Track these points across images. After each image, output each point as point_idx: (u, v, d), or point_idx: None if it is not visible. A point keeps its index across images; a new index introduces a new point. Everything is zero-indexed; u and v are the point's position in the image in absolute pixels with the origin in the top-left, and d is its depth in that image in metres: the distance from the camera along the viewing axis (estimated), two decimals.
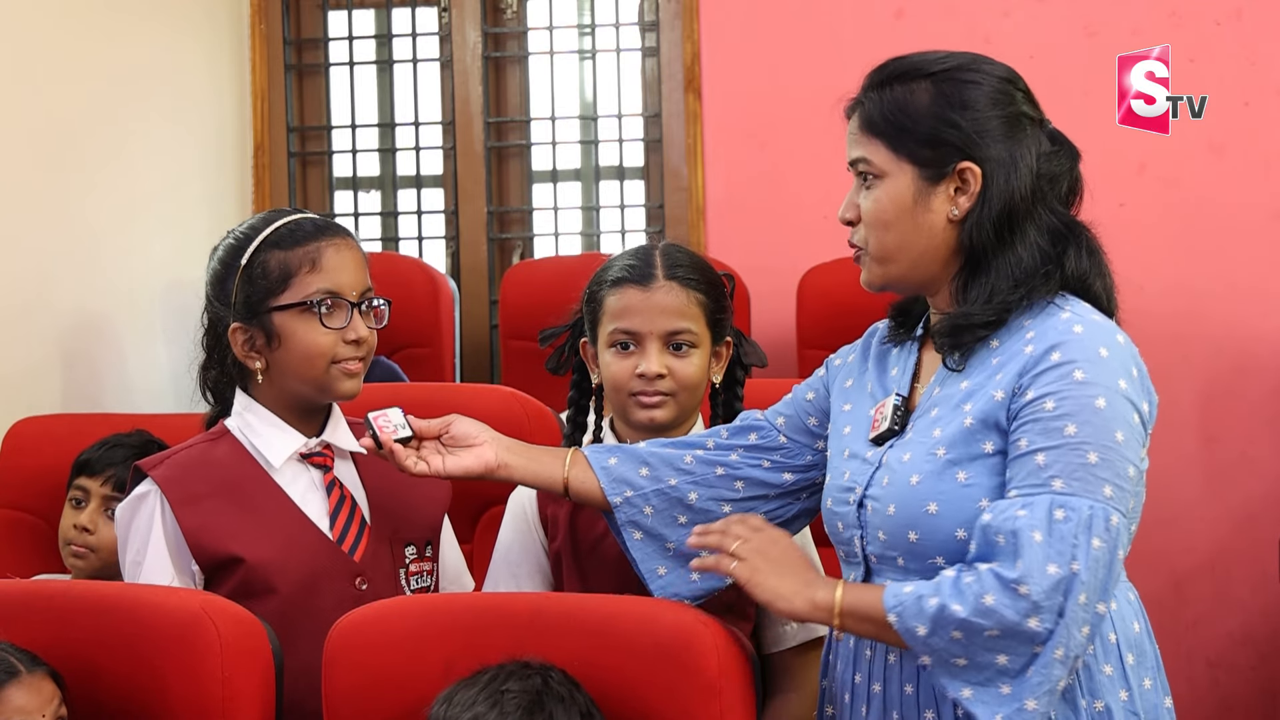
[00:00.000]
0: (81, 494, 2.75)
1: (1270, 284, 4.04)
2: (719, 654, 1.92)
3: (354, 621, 2.02)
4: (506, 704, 1.82)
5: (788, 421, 2.18)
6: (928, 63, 1.94)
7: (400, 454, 2.12)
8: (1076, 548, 1.77)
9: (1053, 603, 1.76)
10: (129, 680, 2.01)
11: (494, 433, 2.18)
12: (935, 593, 1.80)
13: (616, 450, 2.18)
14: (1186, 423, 4.06)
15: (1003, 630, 1.77)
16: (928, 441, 1.91)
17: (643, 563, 2.14)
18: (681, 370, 2.29)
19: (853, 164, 1.97)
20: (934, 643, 1.80)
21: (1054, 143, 1.96)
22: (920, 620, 1.80)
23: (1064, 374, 1.82)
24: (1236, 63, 4.02)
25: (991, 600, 1.76)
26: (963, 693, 1.80)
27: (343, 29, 4.67)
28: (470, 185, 4.58)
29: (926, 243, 1.93)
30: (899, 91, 1.93)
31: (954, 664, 1.80)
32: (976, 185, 1.90)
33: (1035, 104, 1.96)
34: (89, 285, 3.73)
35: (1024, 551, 1.77)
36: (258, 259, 2.23)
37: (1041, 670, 1.77)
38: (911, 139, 1.91)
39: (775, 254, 4.22)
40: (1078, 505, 1.78)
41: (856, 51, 4.16)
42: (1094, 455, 1.79)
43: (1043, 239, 1.91)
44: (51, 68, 3.59)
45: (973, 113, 1.90)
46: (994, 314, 1.89)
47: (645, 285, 2.30)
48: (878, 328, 2.14)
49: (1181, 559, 4.09)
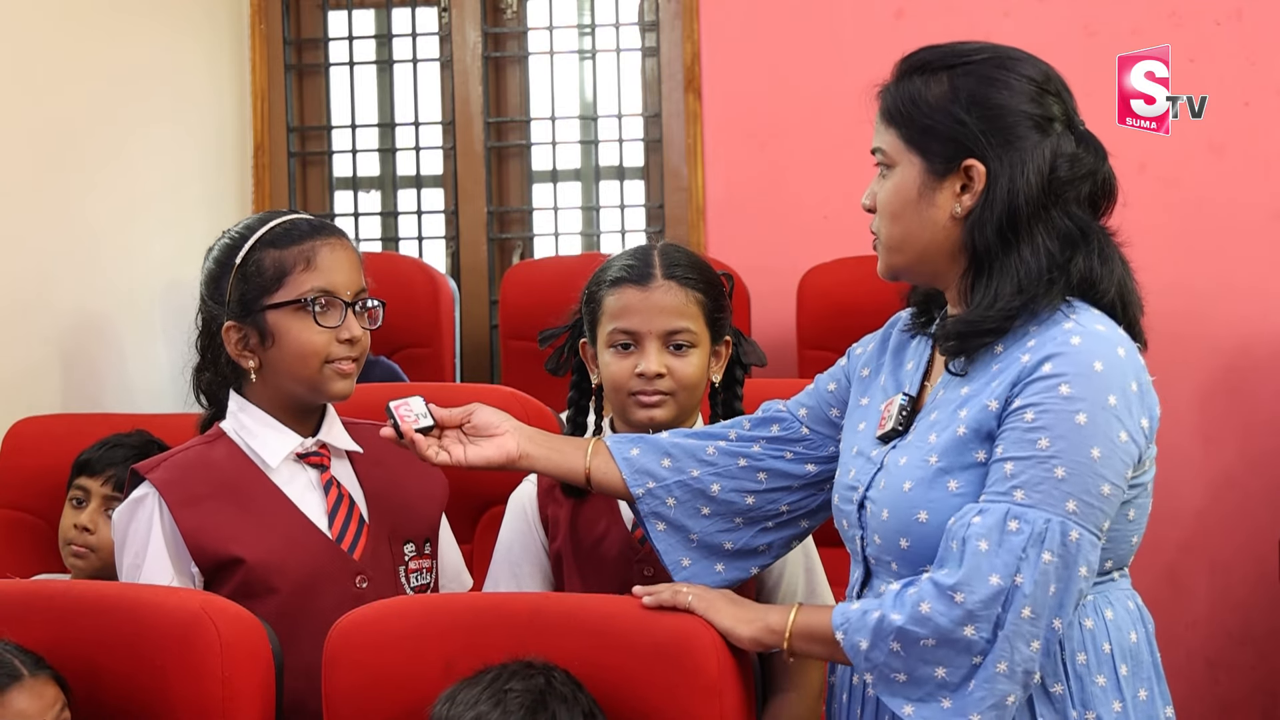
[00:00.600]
0: (82, 494, 2.75)
1: (1270, 284, 4.04)
2: (719, 654, 1.92)
3: (354, 621, 2.02)
4: (510, 703, 1.82)
5: (810, 413, 2.17)
6: (954, 54, 1.92)
7: (421, 443, 2.12)
8: (1023, 560, 1.75)
9: (989, 613, 1.75)
10: (129, 680, 2.01)
11: (516, 422, 2.17)
12: (879, 605, 1.81)
13: (639, 440, 2.17)
14: (1186, 423, 4.07)
15: (938, 639, 1.76)
16: (923, 447, 1.90)
17: (666, 554, 2.13)
18: (681, 370, 2.29)
19: (873, 152, 1.96)
20: (874, 657, 1.80)
21: (1080, 144, 1.92)
22: (863, 634, 1.81)
23: (1049, 387, 1.80)
24: (1236, 63, 4.02)
25: (927, 608, 1.76)
26: (905, 710, 1.80)
27: (343, 29, 4.67)
28: (470, 185, 4.58)
29: (931, 236, 1.91)
30: (917, 83, 1.91)
31: (894, 680, 1.80)
32: (980, 184, 1.87)
33: (1066, 104, 1.93)
34: (89, 285, 3.73)
35: (967, 559, 1.76)
36: (253, 257, 2.23)
37: (984, 684, 1.76)
38: (920, 130, 1.90)
39: (775, 254, 4.22)
40: (1033, 518, 1.76)
41: (856, 51, 4.21)
42: (1061, 470, 1.77)
43: (1052, 243, 1.87)
44: (51, 68, 3.59)
45: (985, 110, 1.87)
46: (996, 322, 1.87)
47: (644, 285, 2.30)
48: (900, 316, 2.11)
49: (1181, 559, 4.09)
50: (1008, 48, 1.94)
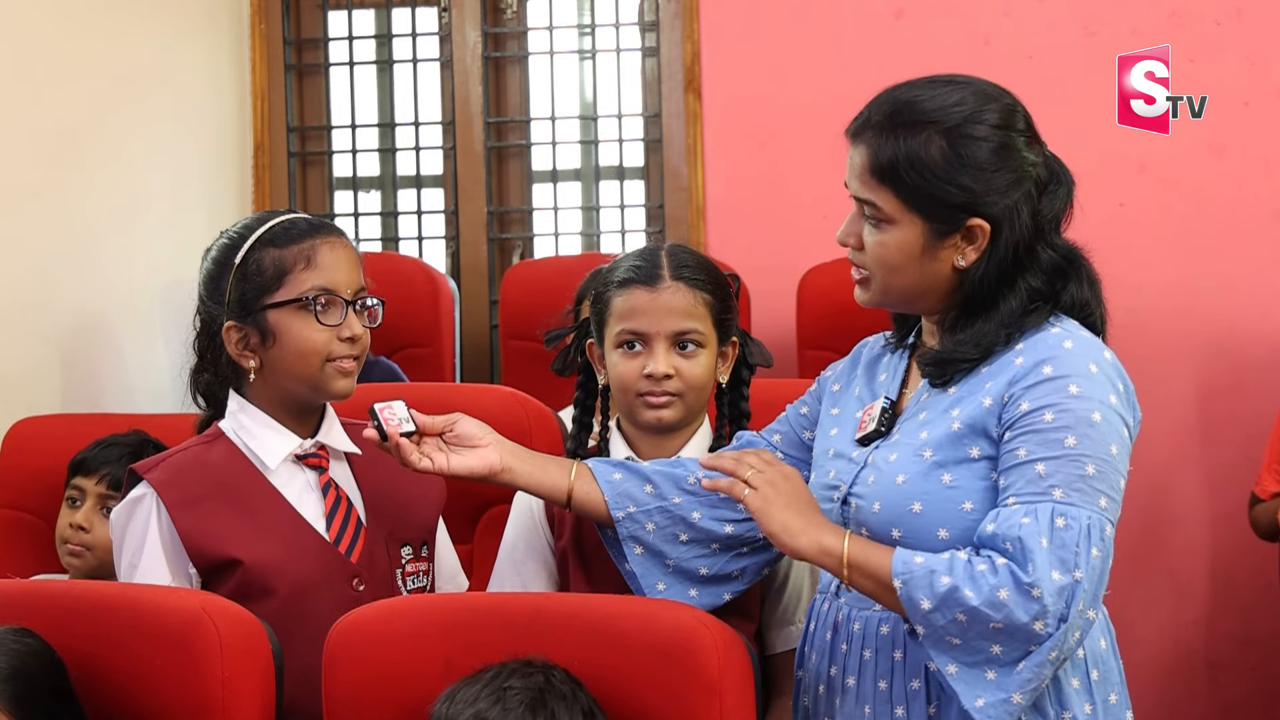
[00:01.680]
0: (77, 493, 2.75)
1: (1270, 283, 4.04)
2: (719, 654, 1.92)
3: (354, 622, 2.02)
4: (509, 700, 1.83)
5: (784, 438, 2.21)
6: (937, 112, 1.93)
7: (405, 448, 2.12)
8: (1079, 555, 1.81)
9: (1058, 608, 1.79)
10: (129, 680, 2.01)
11: (498, 435, 2.18)
12: (948, 571, 1.82)
13: (621, 466, 2.20)
14: (1186, 423, 4.06)
15: (1008, 626, 1.80)
16: (915, 443, 1.95)
17: (643, 577, 2.16)
18: (689, 370, 2.29)
19: (859, 201, 1.97)
20: (935, 619, 1.82)
21: (1050, 172, 1.97)
22: (927, 595, 1.82)
23: (1059, 387, 1.86)
24: (1236, 63, 4.02)
25: (1005, 596, 1.79)
26: (949, 668, 1.83)
27: (343, 29, 4.66)
28: (470, 185, 4.58)
29: (930, 284, 1.97)
30: (911, 144, 1.92)
31: (948, 641, 1.83)
32: (984, 240, 1.93)
33: (1032, 135, 1.97)
34: (89, 285, 3.73)
35: (1033, 556, 1.80)
36: (252, 257, 2.23)
37: (1034, 668, 1.81)
38: (923, 197, 1.92)
39: (775, 254, 4.22)
40: (1078, 515, 1.82)
41: (856, 51, 4.21)
42: (1092, 467, 1.84)
43: (1039, 280, 1.94)
44: (51, 68, 3.59)
45: (981, 173, 1.91)
46: (979, 352, 1.94)
47: (652, 286, 2.30)
48: (867, 341, 2.18)
49: (1181, 559, 4.09)
50: (969, 93, 1.95)
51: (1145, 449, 2.02)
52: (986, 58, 4.03)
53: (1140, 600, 4.06)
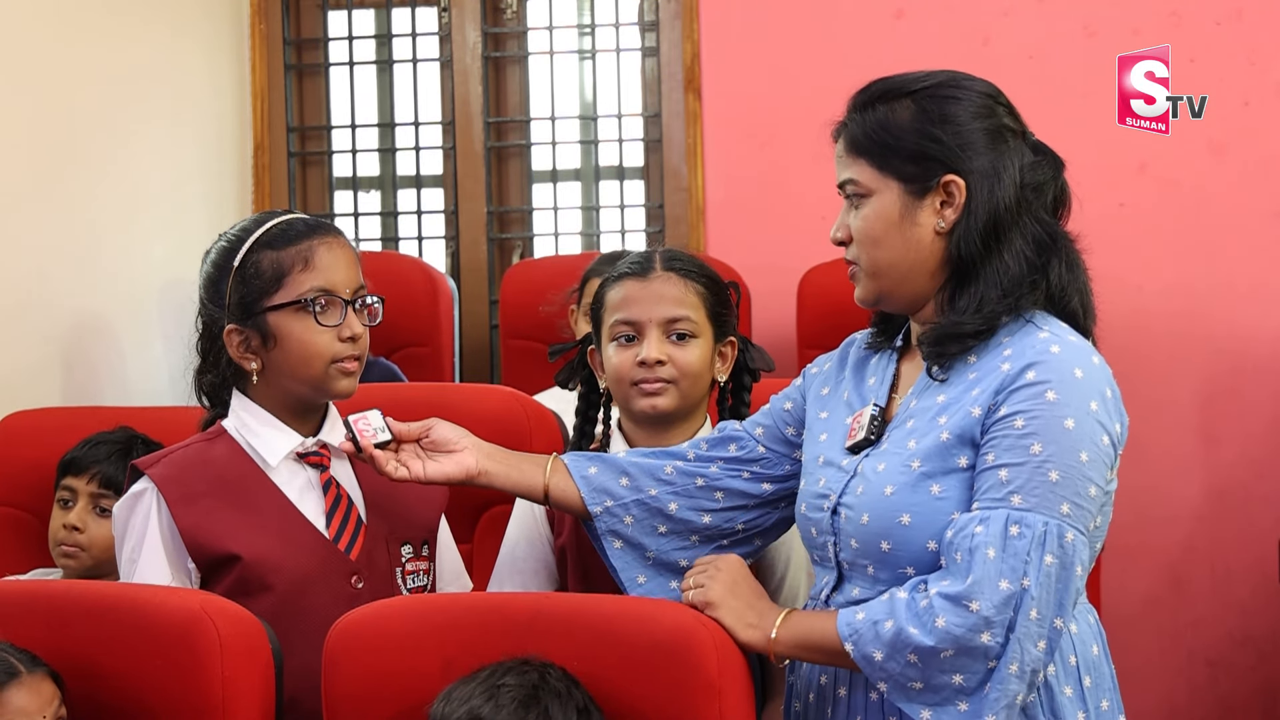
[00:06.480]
0: (69, 494, 2.74)
1: (1270, 283, 4.04)
2: (719, 654, 1.92)
3: (354, 621, 2.02)
4: (502, 698, 1.83)
5: (766, 432, 2.20)
6: (909, 81, 1.97)
7: (380, 458, 2.13)
8: (1028, 564, 1.80)
9: (1003, 617, 1.79)
10: (129, 680, 2.01)
11: (474, 438, 2.18)
12: (889, 615, 1.83)
13: (597, 459, 2.20)
14: (1186, 423, 4.06)
15: (957, 649, 1.80)
16: (903, 453, 1.94)
17: (623, 571, 2.17)
18: (682, 358, 2.31)
19: (841, 186, 2.00)
20: (890, 668, 1.83)
21: (1037, 153, 1.98)
22: (876, 645, 1.83)
23: (1036, 393, 1.85)
24: (1236, 63, 4.02)
25: (943, 621, 1.80)
26: (922, 715, 1.84)
27: (343, 29, 4.66)
28: (470, 185, 4.58)
29: (915, 256, 1.95)
30: (881, 111, 1.96)
31: (910, 688, 1.83)
32: (961, 197, 1.92)
33: (1017, 117, 1.99)
34: (88, 284, 3.73)
35: (976, 568, 1.80)
36: (250, 259, 2.23)
37: (998, 686, 1.80)
38: (895, 155, 1.94)
39: (775, 254, 4.22)
40: (1032, 521, 1.81)
41: (856, 51, 4.21)
42: (1055, 474, 1.82)
43: (1029, 248, 1.93)
44: (52, 68, 3.59)
45: (954, 126, 1.93)
46: (983, 323, 1.92)
47: (643, 276, 2.35)
48: (855, 338, 2.17)
49: (1181, 559, 4.09)
50: (947, 71, 1.99)
51: (1145, 449, 2.02)
52: (986, 58, 4.03)
53: (1140, 600, 4.06)
